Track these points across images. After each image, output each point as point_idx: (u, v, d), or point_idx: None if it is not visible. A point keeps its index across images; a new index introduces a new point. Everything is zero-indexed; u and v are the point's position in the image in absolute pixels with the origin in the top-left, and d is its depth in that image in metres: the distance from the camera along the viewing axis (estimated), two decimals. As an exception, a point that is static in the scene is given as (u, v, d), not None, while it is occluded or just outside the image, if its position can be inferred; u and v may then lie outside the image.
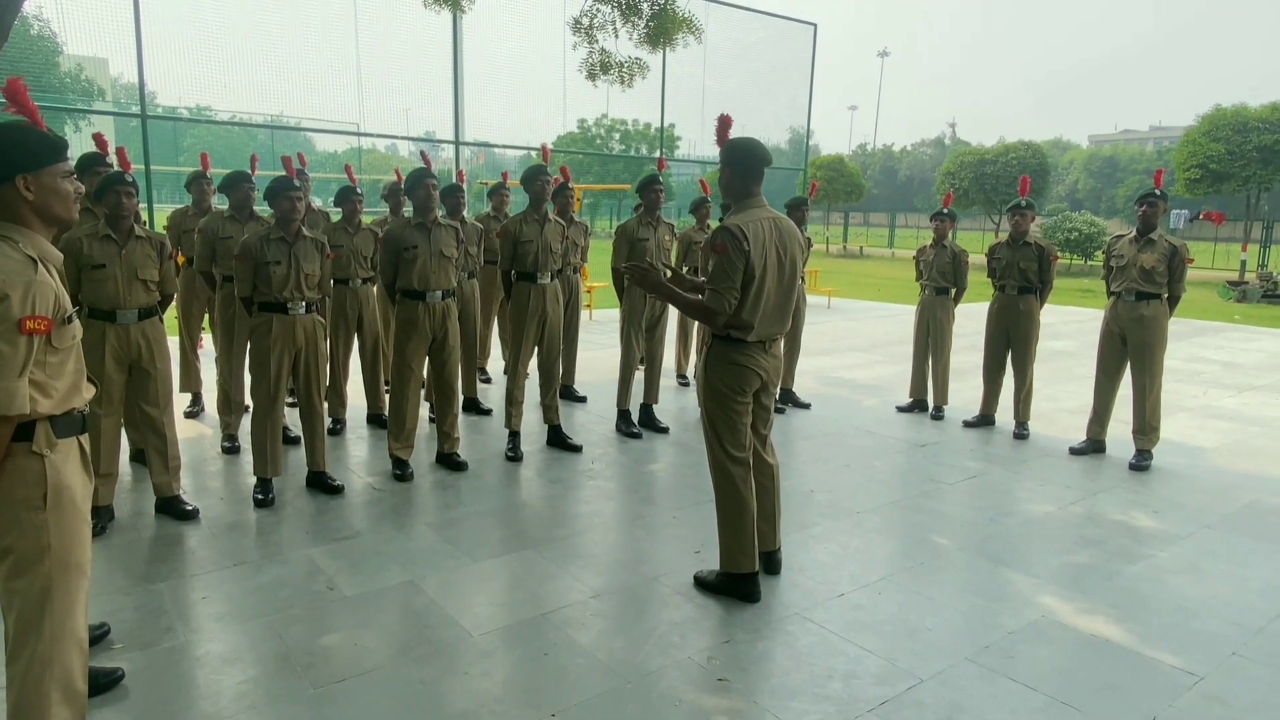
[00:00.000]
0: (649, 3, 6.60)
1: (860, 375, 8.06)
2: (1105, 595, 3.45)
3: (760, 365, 3.18)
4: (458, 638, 2.97)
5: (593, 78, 7.13)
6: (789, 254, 3.14)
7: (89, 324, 3.71)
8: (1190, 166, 21.19)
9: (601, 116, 41.87)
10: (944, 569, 3.69)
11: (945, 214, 6.20)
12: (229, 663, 2.79)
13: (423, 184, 4.44)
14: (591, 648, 2.93)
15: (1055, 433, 5.98)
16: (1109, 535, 4.11)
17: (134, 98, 32.27)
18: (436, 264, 4.49)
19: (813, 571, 3.61)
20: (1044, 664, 2.91)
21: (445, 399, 4.76)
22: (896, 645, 3.00)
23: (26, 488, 1.81)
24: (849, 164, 33.64)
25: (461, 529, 3.97)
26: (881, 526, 4.17)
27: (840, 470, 5.08)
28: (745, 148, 3.15)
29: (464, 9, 7.67)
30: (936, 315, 6.28)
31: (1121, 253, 5.19)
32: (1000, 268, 5.84)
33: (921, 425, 6.19)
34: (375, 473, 4.75)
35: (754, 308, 3.08)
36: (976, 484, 4.86)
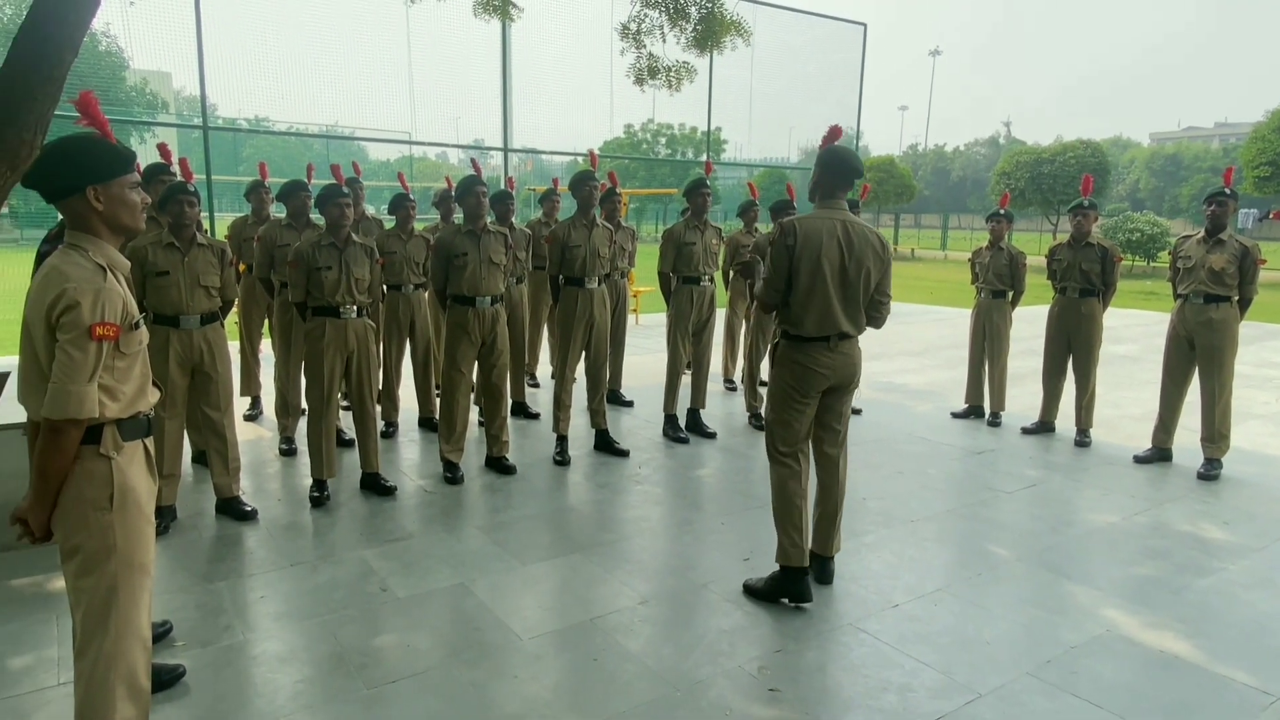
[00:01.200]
0: (696, 6, 6.59)
1: (913, 380, 7.91)
2: (1173, 609, 3.32)
3: (823, 364, 3.21)
4: (507, 641, 2.99)
5: (640, 82, 7.15)
6: (856, 257, 3.16)
7: (153, 329, 3.83)
8: (1260, 164, 20.38)
9: (648, 121, 42.04)
10: (1002, 580, 3.59)
11: (1001, 215, 6.06)
12: (285, 661, 2.84)
13: (473, 191, 4.49)
14: (640, 654, 2.92)
15: (1119, 440, 5.79)
16: (1176, 547, 3.96)
17: (196, 110, 33.17)
18: (486, 270, 4.53)
19: (866, 581, 3.55)
20: (1109, 680, 2.81)
21: (494, 403, 4.80)
22: (953, 658, 2.93)
23: (94, 489, 1.87)
24: (899, 165, 33.13)
25: (510, 532, 4.00)
26: (936, 535, 4.08)
27: (893, 477, 4.99)
28: (840, 155, 3.25)
29: (513, 17, 7.75)
30: (993, 319, 6.14)
31: (1189, 254, 5.00)
32: (1061, 269, 5.68)
33: (978, 432, 6.05)
34: (426, 475, 4.81)
35: (804, 303, 3.14)
36: (1036, 493, 4.73)
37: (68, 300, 1.79)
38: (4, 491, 3.56)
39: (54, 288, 1.80)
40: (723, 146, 33.58)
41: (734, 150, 24.78)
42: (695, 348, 5.76)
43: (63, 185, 1.90)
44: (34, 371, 1.85)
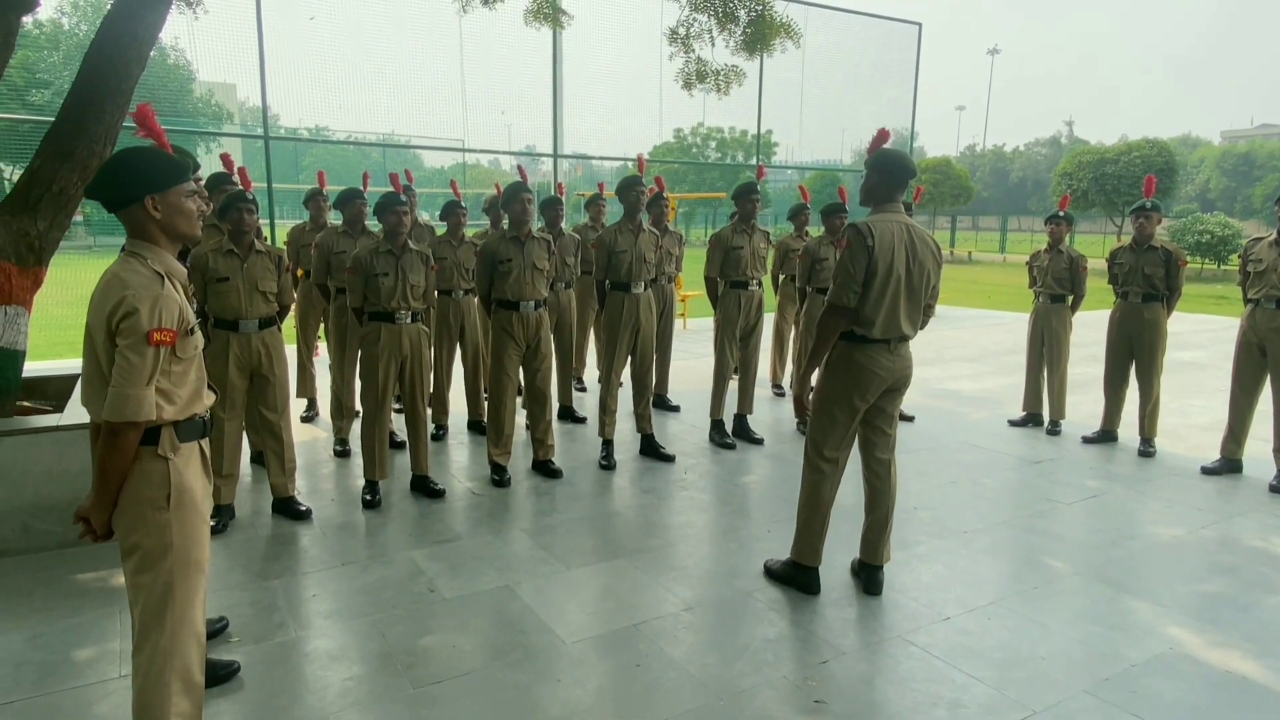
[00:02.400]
0: (746, 9, 6.55)
1: (968, 387, 7.73)
2: (1241, 628, 3.18)
3: (883, 366, 3.21)
4: (551, 644, 3.00)
5: (689, 87, 7.13)
6: (919, 260, 3.17)
7: (214, 334, 3.96)
8: (1341, 161, 19.40)
9: (698, 125, 41.92)
10: (1059, 594, 3.48)
11: (1061, 217, 5.88)
12: (335, 659, 2.90)
13: (519, 198, 4.54)
14: (684, 661, 2.91)
15: (1184, 450, 5.57)
16: (1245, 563, 3.79)
17: (259, 120, 34.28)
18: (530, 276, 4.58)
19: (916, 593, 3.47)
20: (1172, 699, 2.70)
21: (539, 406, 4.84)
22: (1006, 674, 2.85)
23: (152, 489, 1.94)
24: (956, 166, 32.49)
25: (556, 535, 4.02)
26: (990, 547, 3.98)
27: (946, 486, 4.88)
28: (894, 157, 3.22)
29: (563, 25, 7.81)
30: (1052, 324, 5.96)
31: (1260, 256, 4.79)
32: (1123, 273, 5.50)
33: (1036, 440, 5.88)
34: (475, 478, 4.87)
35: (876, 305, 3.13)
36: (1096, 504, 4.58)
37: (127, 307, 1.85)
38: (72, 489, 3.71)
39: (114, 294, 1.87)
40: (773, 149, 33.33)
41: (785, 153, 24.55)
42: (742, 353, 5.72)
43: (121, 195, 1.97)
44: (96, 375, 1.93)
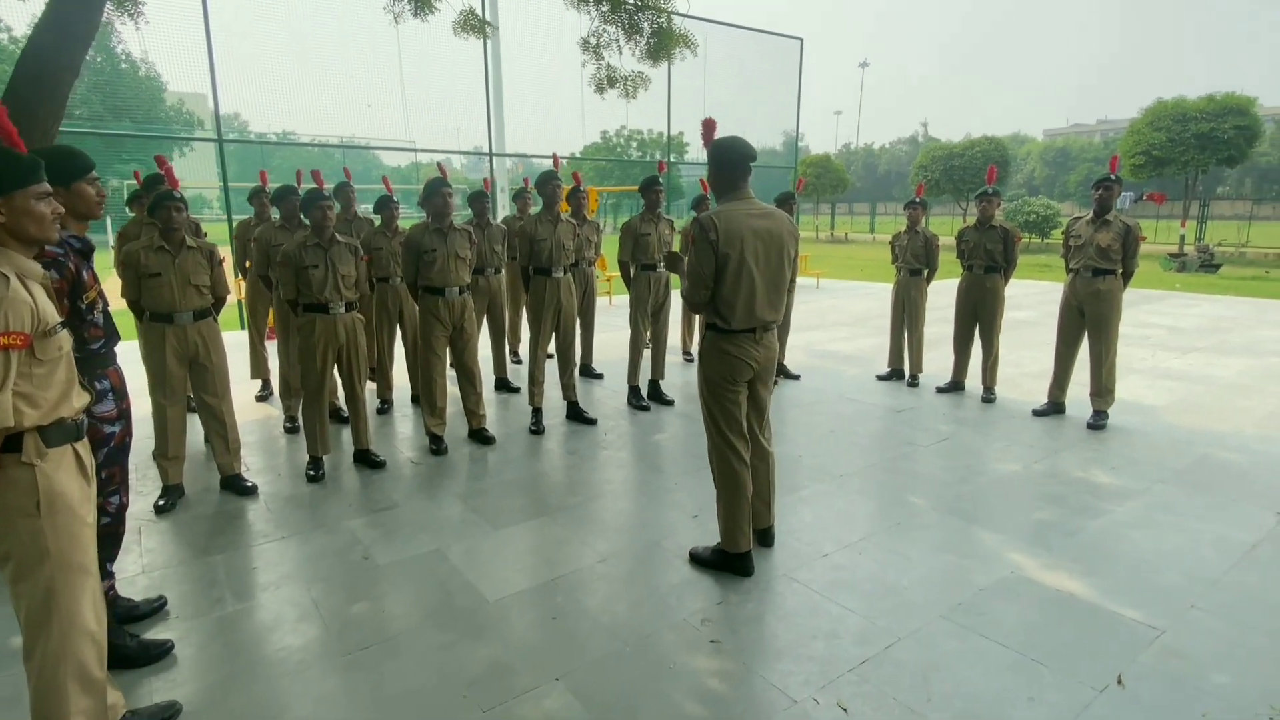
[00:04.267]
0: (649, 22, 6.22)
1: (845, 348, 7.72)
2: (1069, 551, 3.16)
3: (751, 355, 2.84)
4: (476, 603, 2.77)
5: (601, 91, 6.78)
6: (777, 245, 2.80)
7: (150, 327, 3.53)
8: (1135, 154, 20.26)
9: (621, 127, 41.14)
10: (919, 528, 3.41)
11: (918, 203, 5.82)
12: (270, 630, 2.60)
13: (439, 193, 4.18)
14: (596, 611, 2.71)
15: (1019, 396, 5.64)
16: (1071, 492, 3.80)
17: (231, 127, 32.09)
18: (453, 264, 4.24)
19: (800, 533, 3.35)
20: (1013, 620, 2.64)
21: (469, 381, 4.53)
22: (875, 604, 2.75)
23: (19, 496, 1.60)
24: (834, 162, 32.73)
25: (486, 499, 3.76)
26: (862, 488, 3.90)
27: (826, 436, 4.80)
28: (728, 145, 2.79)
29: (489, 34, 7.32)
30: (911, 294, 5.93)
31: (1079, 233, 4.80)
32: (968, 249, 5.47)
33: (899, 392, 5.87)
34: (416, 448, 4.55)
35: (733, 297, 2.76)
36: (948, 445, 4.56)
37: None
38: None
39: None
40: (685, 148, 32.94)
41: (697, 151, 24.28)
42: (654, 326, 5.51)
43: None
44: None
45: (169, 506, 3.60)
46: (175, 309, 3.50)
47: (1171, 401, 5.47)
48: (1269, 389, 5.83)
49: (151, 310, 3.50)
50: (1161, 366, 6.63)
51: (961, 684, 2.29)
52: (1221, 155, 19.18)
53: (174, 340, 3.53)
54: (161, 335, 3.51)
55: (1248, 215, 29.11)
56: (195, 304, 3.55)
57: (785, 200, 5.88)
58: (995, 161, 25.38)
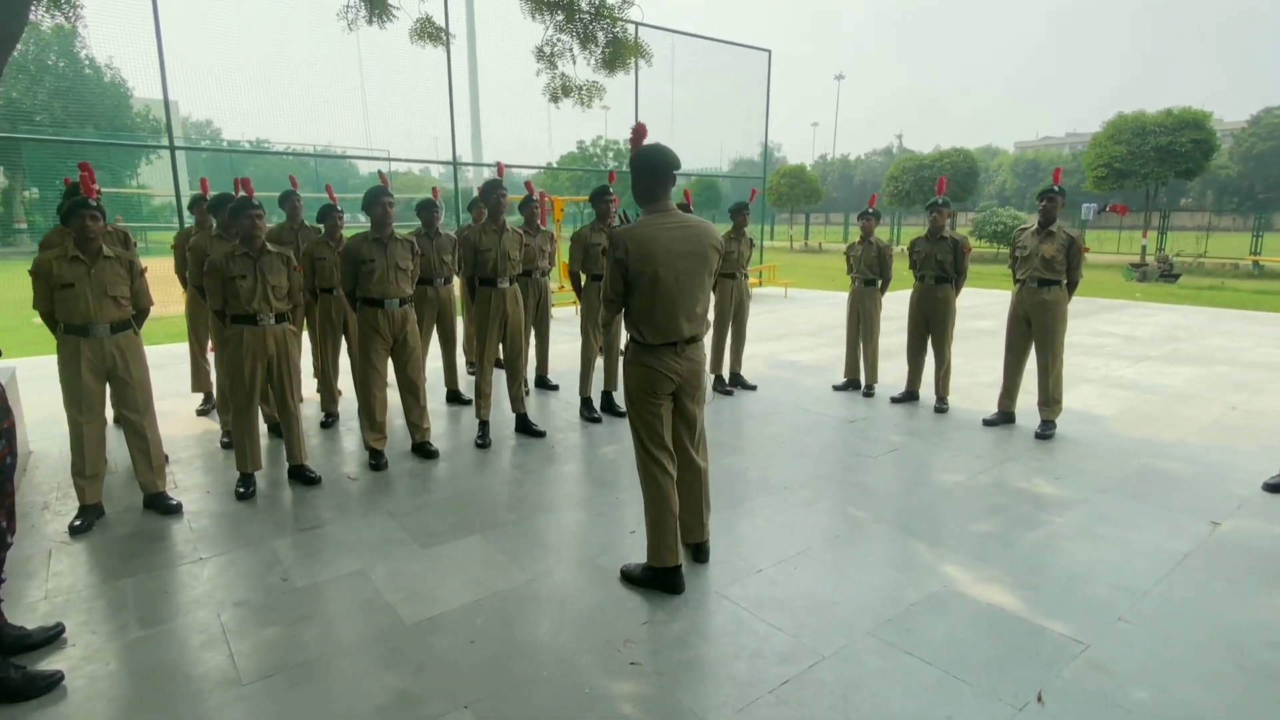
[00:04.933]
0: (604, 32, 6.20)
1: (805, 358, 7.71)
2: (1004, 563, 3.13)
3: (671, 368, 2.76)
4: (391, 627, 2.67)
5: (555, 100, 6.74)
6: (697, 259, 2.72)
7: (65, 340, 3.39)
8: (1098, 166, 20.65)
9: (598, 137, 41.28)
10: (859, 541, 3.37)
11: (870, 213, 5.83)
12: (171, 659, 2.48)
13: (379, 202, 4.09)
14: (517, 634, 2.62)
15: (972, 405, 5.65)
16: (1012, 503, 3.79)
17: (201, 134, 31.62)
18: (393, 275, 4.15)
19: (738, 548, 3.29)
20: (941, 636, 2.60)
21: (410, 395, 4.43)
22: (804, 621, 2.69)
23: None
24: (809, 172, 33.04)
25: (420, 516, 3.66)
26: (806, 500, 3.85)
27: (776, 447, 4.76)
28: (649, 154, 2.71)
29: (446, 42, 7.25)
30: (865, 304, 5.93)
31: (1025, 244, 4.83)
32: (919, 260, 5.49)
33: (854, 402, 5.86)
34: (356, 463, 4.43)
35: (648, 312, 2.70)
36: (897, 456, 4.54)
37: None
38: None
39: None
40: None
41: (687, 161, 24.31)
42: (605, 336, 5.44)
43: None
44: None
45: (84, 527, 3.45)
46: (91, 321, 3.37)
47: (1120, 411, 5.52)
48: (1215, 398, 5.90)
49: (66, 322, 3.37)
50: (1113, 375, 6.70)
51: (881, 704, 2.24)
52: (1180, 168, 19.61)
53: (89, 353, 3.39)
54: (76, 348, 3.37)
55: (1208, 227, 29.81)
56: (113, 316, 3.43)
57: (739, 210, 5.87)
58: (964, 172, 25.82)
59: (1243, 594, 2.87)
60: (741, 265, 6.03)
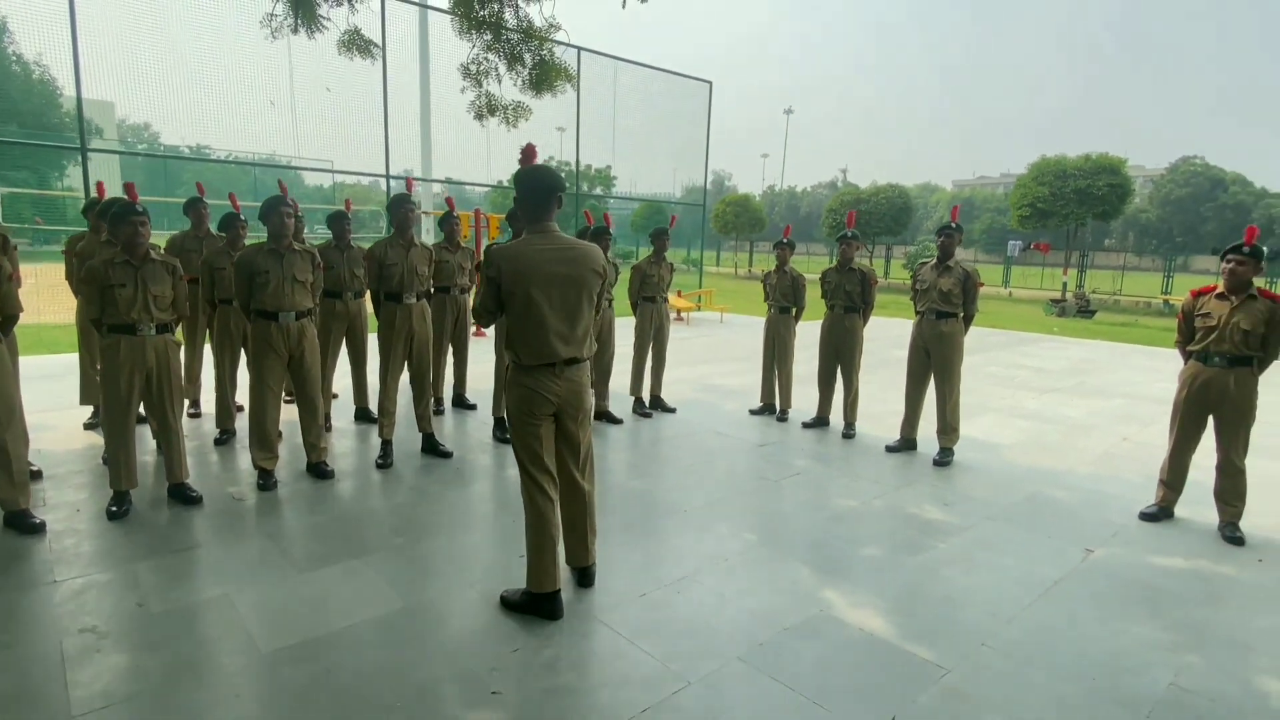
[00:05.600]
0: (531, 53, 6.23)
1: (731, 382, 7.79)
2: (883, 588, 3.19)
3: (550, 390, 2.73)
4: (245, 656, 2.54)
5: (480, 118, 6.72)
6: (576, 282, 2.70)
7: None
8: (1022, 205, 21.72)
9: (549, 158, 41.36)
10: (747, 565, 3.38)
11: (785, 243, 5.97)
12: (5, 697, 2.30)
13: (276, 211, 3.98)
14: (378, 663, 2.53)
15: (880, 432, 5.78)
16: (900, 528, 3.87)
17: (139, 136, 30.26)
18: (289, 287, 4.03)
19: (625, 572, 3.27)
20: (809, 661, 2.61)
21: (308, 413, 4.29)
22: (677, 646, 2.67)
23: None
24: (754, 201, 33.76)
25: (301, 539, 3.52)
26: (702, 524, 3.86)
27: (684, 470, 4.77)
28: (533, 175, 2.70)
29: (373, 54, 7.16)
30: (780, 331, 6.05)
31: (924, 278, 5.01)
32: (829, 290, 5.63)
33: (768, 426, 5.93)
34: (245, 482, 4.25)
35: (521, 331, 2.68)
36: (798, 481, 4.60)
37: None
38: None
39: None
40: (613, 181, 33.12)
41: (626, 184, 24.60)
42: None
43: None
44: None
45: (-72, 548, 3.21)
46: (-57, 327, 3.16)
47: (1018, 440, 5.73)
48: (1110, 429, 6.19)
49: (-84, 329, 3.16)
50: (1019, 406, 6.97)
51: (738, 731, 2.23)
52: (1097, 210, 20.78)
53: (-58, 362, 3.18)
54: (-74, 356, 3.16)
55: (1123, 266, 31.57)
56: (-29, 323, 3.23)
57: (659, 235, 5.93)
58: (898, 208, 26.76)
59: (1104, 620, 2.99)
60: (662, 289, 6.09)
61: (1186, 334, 4.01)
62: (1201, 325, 3.89)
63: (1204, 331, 3.88)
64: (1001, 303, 21.20)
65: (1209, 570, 3.49)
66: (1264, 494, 4.56)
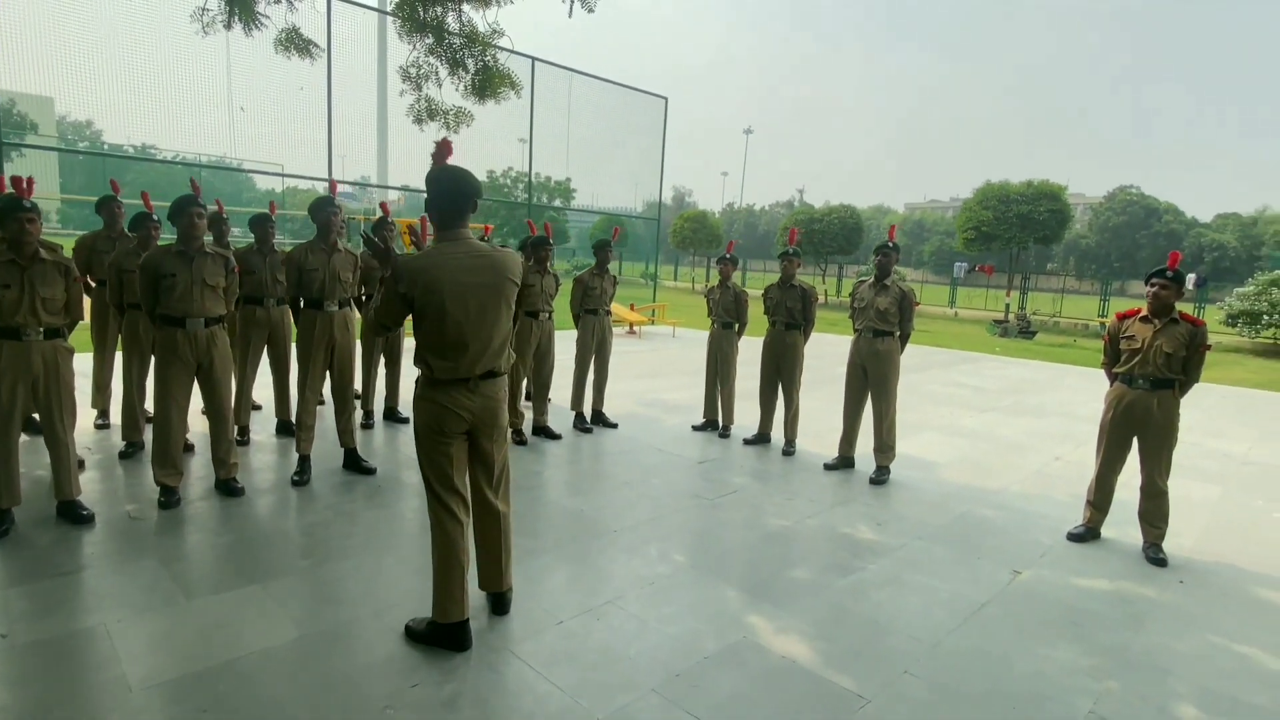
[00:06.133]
0: (474, 59, 6.10)
1: (677, 396, 7.71)
2: (809, 612, 3.10)
3: (462, 405, 2.57)
4: (114, 694, 2.31)
5: (420, 122, 6.55)
6: (492, 292, 2.54)
7: None
8: (967, 229, 22.34)
9: (509, 169, 41.11)
10: (673, 588, 3.26)
11: (728, 258, 5.92)
12: None
13: (185, 213, 3.75)
14: (259, 700, 2.32)
15: (821, 449, 5.75)
16: (832, 549, 3.81)
17: (80, 134, 29.23)
18: (198, 292, 3.79)
19: (545, 597, 3.11)
20: (726, 692, 2.50)
21: (218, 427, 4.04)
22: (590, 678, 2.54)
23: None
24: (711, 218, 34.06)
25: (196, 563, 3.28)
26: (633, 544, 3.73)
27: (619, 487, 4.64)
28: (447, 178, 2.50)
29: (314, 55, 6.93)
30: (722, 346, 5.99)
31: (862, 296, 5.01)
32: (771, 306, 5.60)
33: (710, 443, 5.85)
34: (144, 500, 3.97)
35: (434, 343, 2.52)
36: (734, 499, 4.52)
37: None
38: None
39: None
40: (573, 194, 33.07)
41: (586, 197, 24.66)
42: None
43: None
44: None
45: None
46: None
47: (954, 458, 5.76)
48: (1044, 448, 6.29)
49: None
50: (957, 424, 7.04)
51: (644, 772, 2.10)
52: (1038, 235, 21.50)
53: None
54: None
55: (1062, 289, 32.71)
56: None
57: (601, 247, 5.83)
58: (849, 228, 27.25)
59: (1027, 645, 2.95)
60: (604, 301, 5.98)
61: (1112, 356, 4.06)
62: (1126, 348, 3.95)
63: (1129, 354, 3.93)
64: (947, 323, 21.71)
65: (1132, 592, 3.50)
66: (1187, 514, 4.65)
